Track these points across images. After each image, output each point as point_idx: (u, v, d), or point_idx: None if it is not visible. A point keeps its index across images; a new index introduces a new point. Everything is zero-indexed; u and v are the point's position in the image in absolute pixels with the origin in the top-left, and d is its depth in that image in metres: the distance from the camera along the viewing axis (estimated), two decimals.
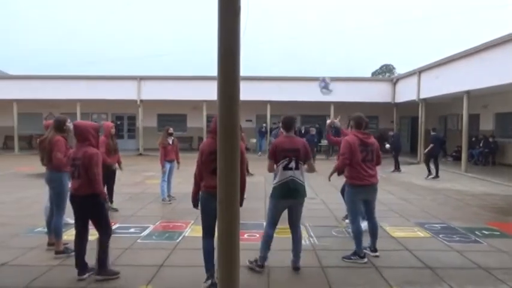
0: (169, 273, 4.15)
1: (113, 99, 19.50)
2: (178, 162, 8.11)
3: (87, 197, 3.90)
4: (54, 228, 4.70)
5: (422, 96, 16.65)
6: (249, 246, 4.51)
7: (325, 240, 5.31)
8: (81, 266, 3.96)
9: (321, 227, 5.97)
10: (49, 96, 19.31)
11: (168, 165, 7.86)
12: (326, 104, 19.02)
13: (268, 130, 18.89)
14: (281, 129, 4.43)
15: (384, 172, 12.95)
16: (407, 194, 9.10)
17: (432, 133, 12.47)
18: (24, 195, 8.39)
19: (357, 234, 4.53)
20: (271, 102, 19.26)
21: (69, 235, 5.39)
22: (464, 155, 13.73)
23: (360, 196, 4.60)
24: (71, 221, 6.00)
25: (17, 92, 19.37)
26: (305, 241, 5.27)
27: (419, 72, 16.69)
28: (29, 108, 20.34)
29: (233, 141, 2.72)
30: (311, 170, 4.40)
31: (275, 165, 4.14)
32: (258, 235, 5.37)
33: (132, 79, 19.68)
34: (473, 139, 16.32)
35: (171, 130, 7.99)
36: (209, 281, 3.70)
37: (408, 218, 6.65)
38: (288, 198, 4.13)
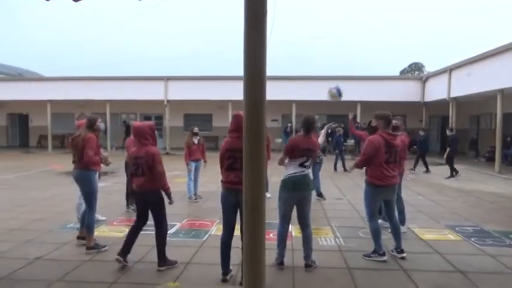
0: (196, 270, 4.21)
1: (141, 99, 19.94)
2: (205, 161, 8.18)
3: (150, 193, 4.21)
4: (86, 225, 4.87)
5: (453, 95, 16.14)
6: (274, 245, 4.51)
7: (351, 241, 5.24)
8: (126, 251, 4.24)
9: (347, 227, 5.90)
10: (80, 96, 19.96)
11: (193, 165, 7.95)
12: (352, 104, 18.74)
13: (294, 130, 18.82)
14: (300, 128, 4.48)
15: (411, 173, 12.66)
16: (436, 196, 8.86)
17: (450, 133, 12.09)
18: (58, 192, 8.71)
19: (375, 232, 4.53)
20: (297, 102, 19.18)
21: (100, 231, 5.59)
22: (498, 156, 13.23)
23: (380, 196, 4.58)
24: (102, 218, 6.24)
25: (51, 92, 20.12)
26: (331, 241, 5.23)
27: (450, 70, 16.20)
28: (61, 109, 21.07)
29: (259, 142, 2.74)
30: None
31: (286, 160, 4.24)
32: None
33: (159, 80, 20.05)
34: (509, 139, 15.69)
35: (196, 130, 8.09)
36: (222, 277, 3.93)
37: (438, 220, 6.47)
38: (298, 190, 4.18)
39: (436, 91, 17.95)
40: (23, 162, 16.02)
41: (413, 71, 43.76)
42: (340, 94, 6.09)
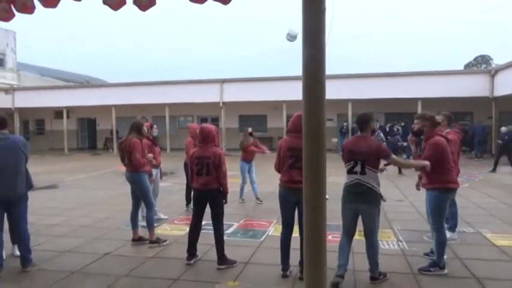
0: (255, 270, 4.23)
1: (198, 102, 20.54)
2: (264, 153, 8.07)
3: (213, 192, 4.34)
4: (147, 221, 5.14)
5: None
6: (333, 248, 4.39)
7: (415, 245, 4.97)
8: (192, 252, 4.42)
9: (410, 231, 5.62)
10: (141, 101, 21.00)
11: (246, 166, 7.98)
12: (413, 101, 17.91)
13: (350, 129, 18.37)
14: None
15: (480, 173, 11.81)
16: (510, 198, 8.16)
17: (504, 129, 11.01)
18: (123, 192, 9.19)
19: (443, 243, 4.06)
20: (353, 101, 18.69)
21: (162, 229, 5.82)
22: None
23: (449, 200, 4.19)
24: (164, 216, 6.50)
25: (115, 98, 21.39)
26: (393, 245, 5.01)
27: None
28: (125, 113, 22.30)
29: (319, 142, 2.67)
30: (398, 164, 4.03)
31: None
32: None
33: (215, 82, 20.53)
34: None
35: (250, 130, 8.14)
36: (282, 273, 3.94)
37: None
38: (352, 202, 3.79)
39: (507, 85, 16.57)
40: (91, 163, 17.19)
41: (480, 65, 40.78)
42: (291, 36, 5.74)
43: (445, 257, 4.10)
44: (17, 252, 4.43)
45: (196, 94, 20.33)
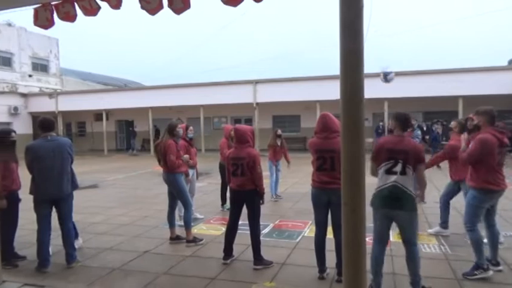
0: (291, 271, 4.21)
1: (232, 103, 20.72)
2: (288, 162, 8.30)
3: (249, 192, 4.36)
4: (184, 221, 5.27)
5: None
6: (369, 250, 4.32)
7: (459, 249, 4.77)
8: (229, 252, 4.49)
9: (452, 234, 5.40)
10: (177, 102, 21.45)
11: (274, 165, 8.14)
12: (453, 99, 17.23)
13: (386, 129, 17.90)
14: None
15: None
16: None
17: None
18: (160, 192, 9.41)
19: (479, 244, 3.89)
20: (389, 100, 18.22)
21: (199, 229, 5.91)
22: None
23: (490, 202, 3.97)
24: (200, 216, 6.60)
25: (152, 100, 21.96)
26: (435, 248, 4.84)
27: None
28: (161, 114, 22.84)
29: (358, 142, 2.62)
30: (420, 179, 3.56)
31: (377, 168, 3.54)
32: None
33: (248, 83, 20.63)
34: None
35: (279, 132, 8.23)
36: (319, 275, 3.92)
37: None
38: (387, 208, 3.43)
39: None
40: (129, 163, 17.75)
41: None
42: (386, 79, 5.47)
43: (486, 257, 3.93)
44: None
45: (230, 95, 20.51)
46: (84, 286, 3.87)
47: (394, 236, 5.24)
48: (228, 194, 7.19)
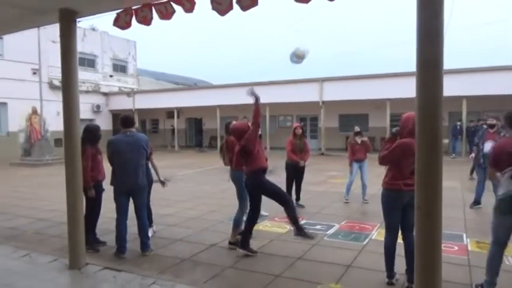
0: (357, 274, 4.09)
1: (297, 101, 20.63)
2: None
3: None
4: (234, 219, 5.16)
5: None
6: (444, 258, 4.04)
7: None
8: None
9: None
10: (243, 101, 21.71)
11: (355, 165, 7.72)
12: None
13: (464, 129, 16.68)
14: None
15: None
16: None
17: None
18: (226, 187, 9.67)
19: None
20: (468, 98, 16.90)
21: (264, 226, 5.99)
22: None
23: None
24: (265, 213, 6.66)
25: (219, 98, 22.62)
26: None
27: None
28: (228, 113, 23.43)
29: (434, 145, 2.47)
30: None
31: (498, 174, 3.42)
32: (456, 247, 4.79)
33: (314, 81, 20.39)
34: None
35: (357, 129, 7.88)
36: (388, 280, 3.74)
37: None
38: None
39: None
40: (197, 159, 18.48)
41: None
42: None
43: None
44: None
45: (296, 94, 20.43)
46: (156, 273, 4.11)
47: (472, 244, 4.89)
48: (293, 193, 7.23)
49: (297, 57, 4.79)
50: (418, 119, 2.50)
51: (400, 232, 3.76)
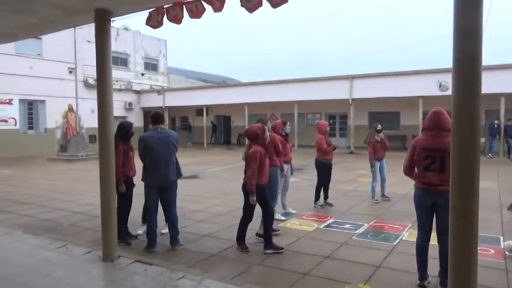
0: (387, 275, 4.01)
1: (326, 99, 20.40)
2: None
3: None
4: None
5: None
6: (480, 262, 3.89)
7: None
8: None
9: None
10: (271, 99, 21.82)
11: (377, 164, 7.63)
12: None
13: (502, 128, 16.00)
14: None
15: None
16: None
17: None
18: None
19: None
20: (506, 95, 16.17)
21: (292, 224, 5.97)
22: None
23: None
24: (293, 211, 6.64)
25: (247, 96, 22.69)
26: None
27: None
28: (256, 110, 23.50)
29: (472, 144, 2.38)
30: None
31: None
32: (492, 251, 4.61)
33: (344, 79, 20.09)
34: None
35: (379, 127, 7.69)
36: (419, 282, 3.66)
37: None
38: None
39: None
40: (226, 156, 18.63)
41: None
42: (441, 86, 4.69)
43: None
44: (164, 231, 5.19)
45: (325, 91, 20.22)
46: (185, 268, 4.18)
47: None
48: (321, 192, 7.17)
49: (443, 87, 5.05)
50: (454, 117, 2.41)
51: (435, 234, 3.66)
